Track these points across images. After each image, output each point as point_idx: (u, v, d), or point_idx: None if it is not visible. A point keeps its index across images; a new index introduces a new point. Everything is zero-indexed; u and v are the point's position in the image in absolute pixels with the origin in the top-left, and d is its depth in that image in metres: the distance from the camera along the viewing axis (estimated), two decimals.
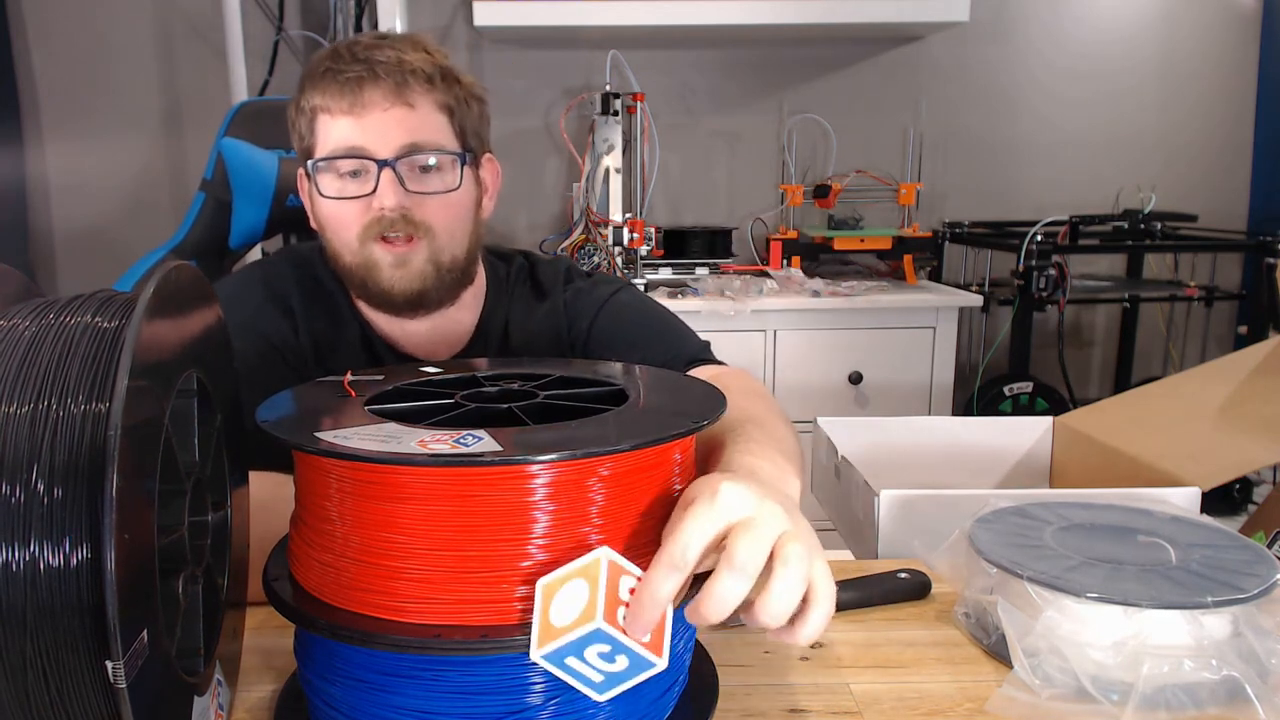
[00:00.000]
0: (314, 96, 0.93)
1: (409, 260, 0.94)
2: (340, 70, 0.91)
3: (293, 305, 1.02)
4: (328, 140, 0.93)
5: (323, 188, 0.94)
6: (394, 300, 0.96)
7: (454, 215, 0.96)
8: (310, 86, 0.94)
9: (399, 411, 0.62)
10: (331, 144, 0.93)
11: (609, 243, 2.37)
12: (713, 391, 0.66)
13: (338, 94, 0.91)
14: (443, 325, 1.03)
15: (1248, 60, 2.75)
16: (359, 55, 0.91)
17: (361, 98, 0.91)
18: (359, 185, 0.93)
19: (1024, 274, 2.27)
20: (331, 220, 0.95)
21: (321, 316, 1.03)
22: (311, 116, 0.94)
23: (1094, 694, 0.64)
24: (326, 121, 0.93)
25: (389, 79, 0.91)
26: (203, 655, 0.56)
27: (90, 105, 2.63)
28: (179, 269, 0.54)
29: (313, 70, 0.94)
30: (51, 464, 0.45)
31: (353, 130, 0.92)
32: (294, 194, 1.40)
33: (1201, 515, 0.83)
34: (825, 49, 2.70)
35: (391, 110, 0.92)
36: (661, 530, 0.57)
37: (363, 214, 0.93)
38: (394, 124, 0.92)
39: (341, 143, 0.92)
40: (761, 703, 0.67)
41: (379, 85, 0.91)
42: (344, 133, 0.92)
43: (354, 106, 0.91)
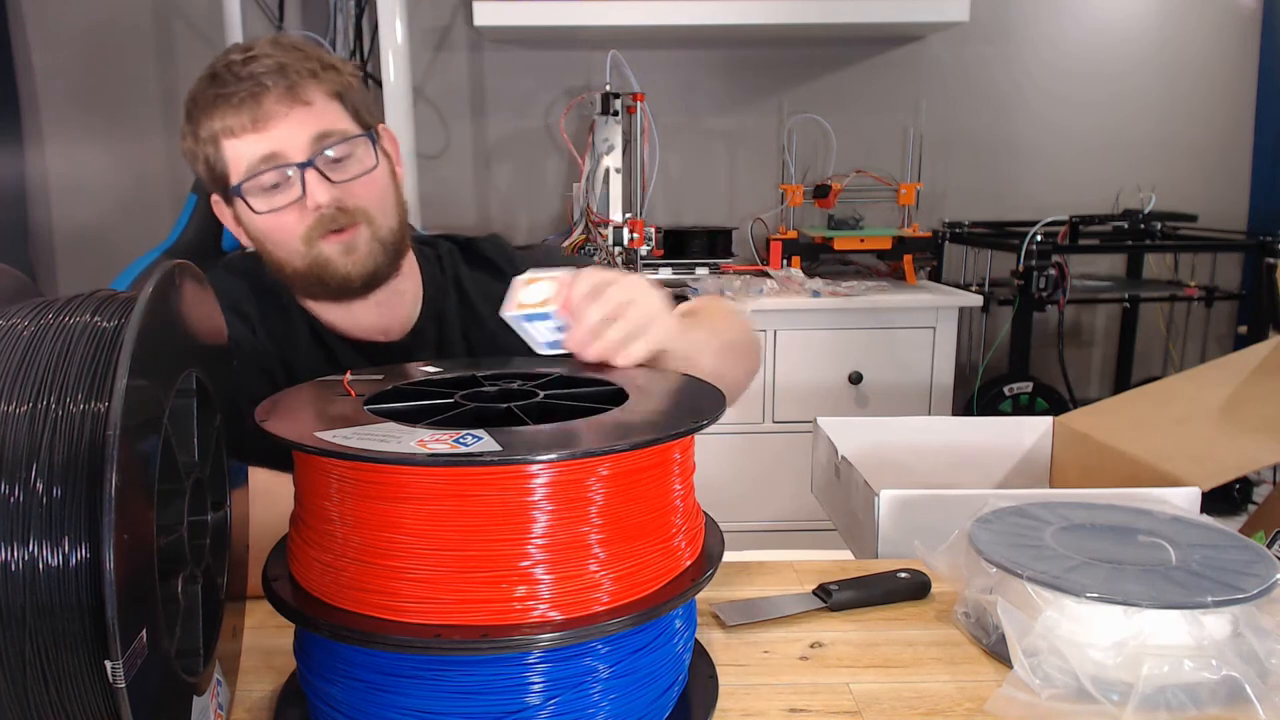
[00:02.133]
0: (212, 123, 0.94)
1: (355, 245, 0.97)
2: (229, 93, 0.93)
3: (246, 309, 1.03)
4: (240, 160, 0.94)
5: (254, 206, 0.95)
6: (352, 286, 0.99)
7: (380, 191, 0.99)
8: (204, 116, 0.95)
9: (398, 411, 0.62)
10: (245, 163, 0.94)
11: (609, 243, 2.37)
12: (712, 391, 0.66)
13: (235, 114, 0.93)
14: (389, 301, 1.05)
15: (1248, 60, 2.75)
16: (239, 74, 0.93)
17: (260, 110, 0.93)
18: (285, 194, 0.95)
19: (1024, 274, 2.27)
20: (272, 234, 0.97)
21: (274, 316, 1.04)
22: (215, 143, 0.95)
23: (1094, 694, 0.64)
24: (234, 144, 0.94)
25: (278, 85, 0.93)
26: (202, 655, 0.56)
27: (90, 105, 2.63)
28: (178, 268, 0.54)
29: (199, 100, 0.95)
30: (50, 463, 0.45)
31: (261, 143, 0.93)
32: None
33: (1201, 515, 0.83)
34: (825, 49, 2.70)
35: (291, 113, 0.94)
36: (661, 530, 0.57)
37: (300, 219, 0.95)
38: (297, 125, 0.94)
39: (255, 158, 0.94)
40: (761, 703, 0.67)
41: (270, 94, 0.93)
42: (255, 148, 0.93)
43: (255, 121, 0.93)
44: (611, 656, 0.56)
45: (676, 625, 0.62)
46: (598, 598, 0.55)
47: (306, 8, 2.63)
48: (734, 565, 0.88)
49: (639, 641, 0.58)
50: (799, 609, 0.80)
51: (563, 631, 0.53)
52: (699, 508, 0.66)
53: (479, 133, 2.69)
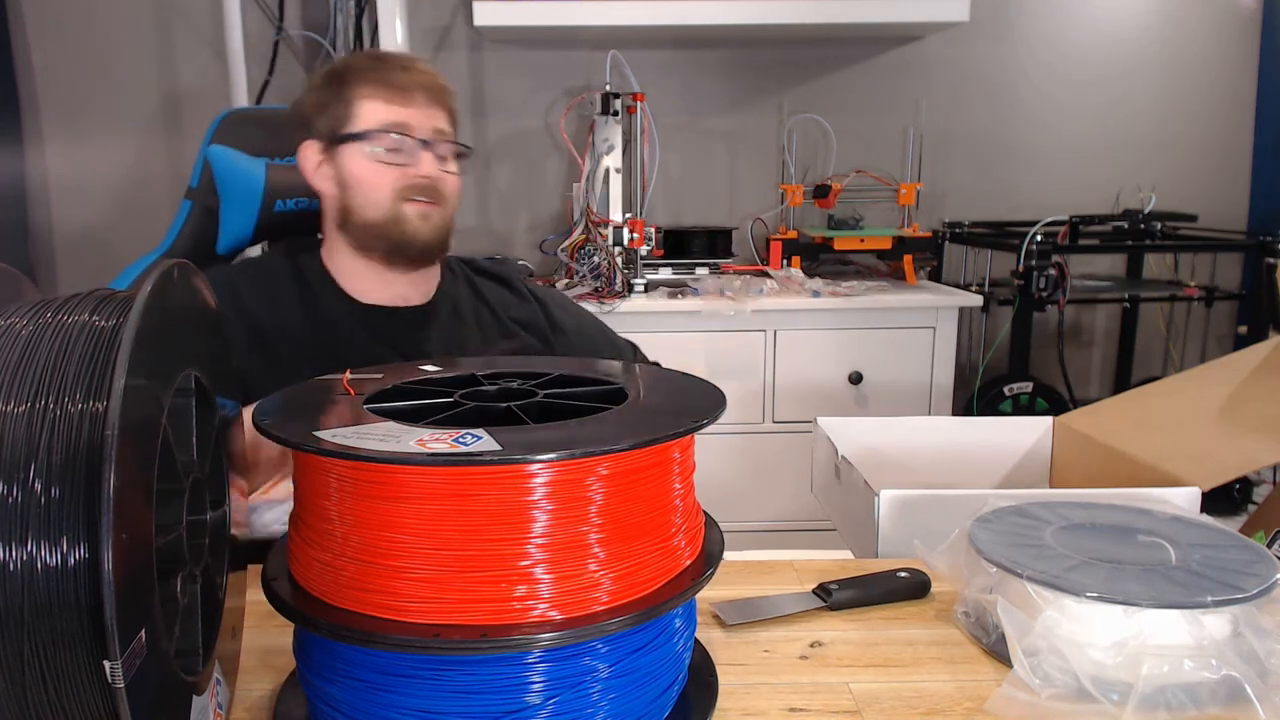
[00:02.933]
0: (360, 87, 1.16)
1: (431, 216, 1.18)
2: (388, 70, 1.17)
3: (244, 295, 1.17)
4: (372, 117, 1.15)
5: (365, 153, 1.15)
6: (412, 248, 1.17)
7: (456, 192, 1.22)
8: (356, 79, 1.16)
9: (398, 410, 0.62)
10: (378, 121, 1.15)
11: (609, 243, 2.37)
12: (712, 390, 0.66)
13: (389, 87, 1.15)
14: (417, 280, 1.24)
15: (1248, 60, 2.75)
16: (401, 64, 1.18)
17: (409, 92, 1.16)
18: (398, 156, 1.15)
19: (1024, 274, 2.26)
20: (367, 181, 1.16)
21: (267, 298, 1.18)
22: (351, 102, 1.16)
23: (1094, 694, 0.63)
24: (373, 105, 1.15)
25: (429, 85, 1.18)
26: (201, 654, 0.56)
27: (90, 105, 2.63)
28: (177, 267, 0.54)
29: (354, 66, 1.18)
30: (49, 463, 0.45)
31: (400, 113, 1.15)
32: (282, 199, 1.41)
33: (1201, 515, 0.83)
34: (825, 49, 2.69)
35: (428, 108, 1.17)
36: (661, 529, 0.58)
37: (399, 179, 1.15)
38: (430, 116, 1.18)
39: (390, 120, 1.15)
40: (761, 702, 0.67)
41: (421, 88, 1.17)
42: (393, 114, 1.15)
43: (402, 97, 1.16)
44: (611, 656, 0.56)
45: (676, 625, 0.62)
46: (597, 597, 0.55)
47: (306, 8, 2.63)
48: (734, 565, 0.88)
49: (639, 641, 0.58)
50: (799, 608, 0.80)
51: (562, 631, 0.53)
52: (699, 507, 0.66)
53: (479, 133, 2.69)
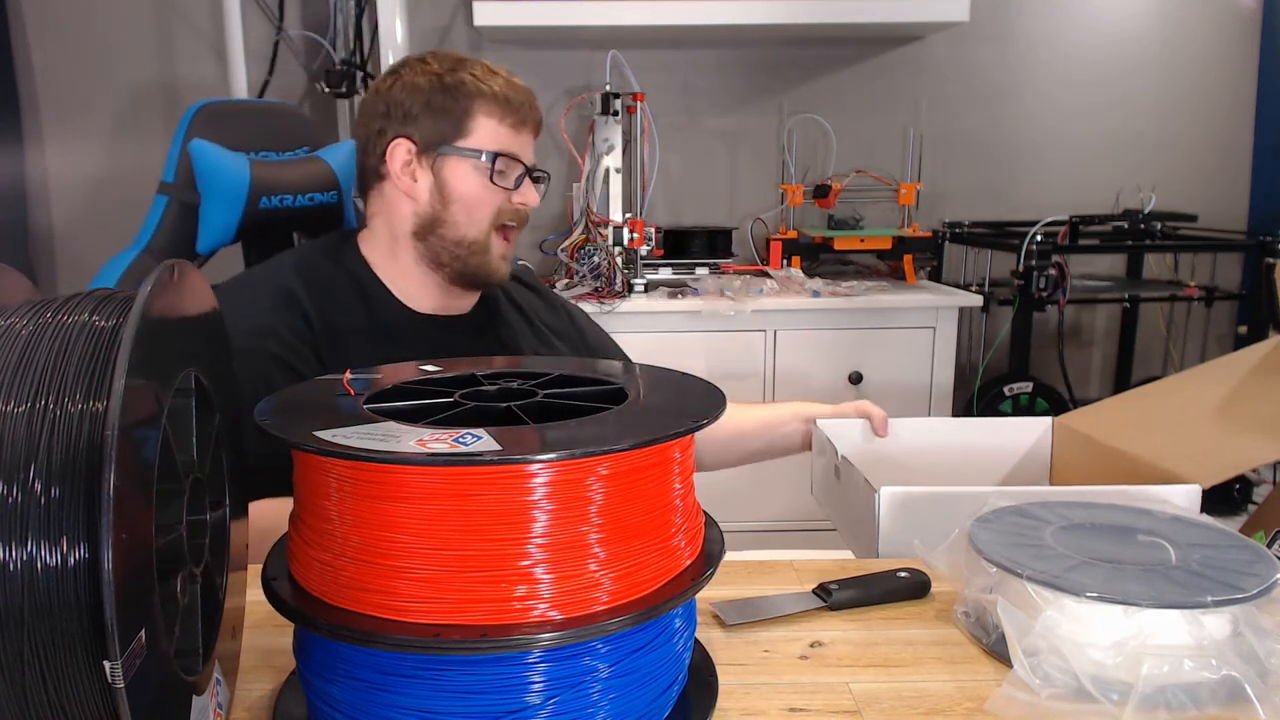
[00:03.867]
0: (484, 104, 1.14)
1: (508, 256, 1.21)
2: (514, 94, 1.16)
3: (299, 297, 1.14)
4: (491, 140, 1.15)
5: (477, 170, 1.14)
6: (486, 281, 1.20)
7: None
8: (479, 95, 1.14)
9: (398, 410, 0.62)
10: (498, 145, 1.15)
11: (609, 243, 2.37)
12: (712, 390, 0.66)
13: (512, 111, 1.16)
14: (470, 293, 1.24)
15: (1248, 60, 2.75)
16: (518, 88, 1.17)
17: (527, 124, 1.18)
18: (504, 180, 1.16)
19: (1024, 274, 2.26)
20: (474, 200, 1.15)
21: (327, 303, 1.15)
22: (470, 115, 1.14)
23: (1094, 694, 0.63)
24: (493, 126, 1.15)
25: (534, 114, 1.19)
26: (201, 654, 0.56)
27: (90, 105, 2.63)
28: (176, 266, 0.54)
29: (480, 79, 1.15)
30: (49, 463, 0.45)
31: (515, 141, 1.16)
32: (268, 195, 1.40)
33: (1201, 515, 0.82)
34: (825, 49, 2.69)
35: (532, 139, 1.20)
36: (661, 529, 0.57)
37: (502, 202, 1.16)
38: (532, 149, 1.20)
39: (511, 146, 1.16)
40: (761, 702, 0.67)
41: (530, 114, 1.18)
42: (511, 141, 1.16)
43: (524, 125, 1.17)
44: (611, 656, 0.56)
45: (676, 625, 0.62)
46: (597, 597, 0.55)
47: (306, 8, 2.63)
48: (734, 565, 0.88)
49: (639, 641, 0.58)
50: (799, 608, 0.80)
51: (562, 631, 0.53)
52: (699, 507, 0.66)
53: None
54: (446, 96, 1.14)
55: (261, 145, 1.48)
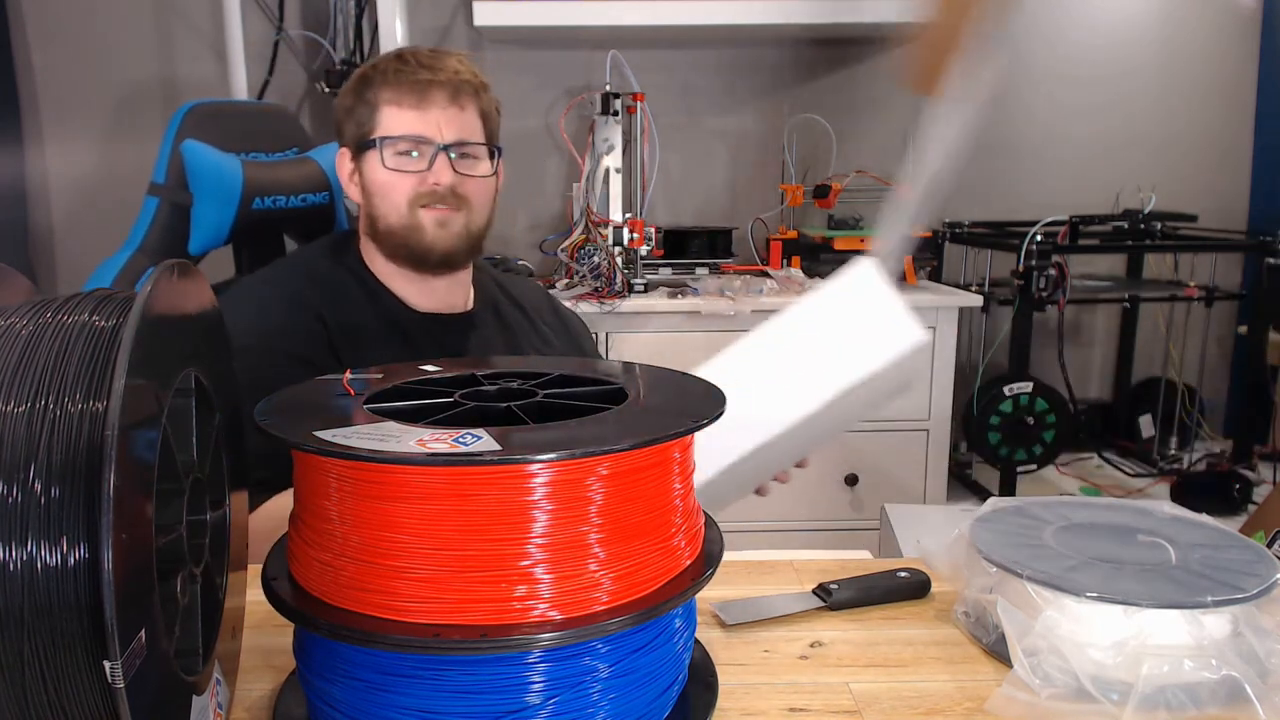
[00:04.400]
0: (382, 91, 1.14)
1: (449, 224, 1.16)
2: (409, 73, 1.14)
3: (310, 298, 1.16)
4: (392, 126, 1.14)
5: (386, 160, 1.14)
6: (431, 257, 1.17)
7: (485, 194, 1.20)
8: (379, 83, 1.15)
9: (398, 410, 0.62)
10: (396, 129, 1.14)
11: (609, 243, 2.36)
12: (712, 390, 0.66)
13: (407, 91, 1.13)
14: (455, 285, 1.24)
15: (1248, 60, 2.75)
16: (424, 63, 1.14)
17: (427, 95, 1.13)
18: (414, 162, 1.14)
19: (1024, 274, 2.26)
20: (386, 188, 1.15)
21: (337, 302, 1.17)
22: (375, 107, 1.15)
23: (1094, 694, 0.63)
24: (394, 112, 1.14)
25: (449, 85, 1.15)
26: (201, 654, 0.56)
27: (90, 105, 2.63)
28: (177, 267, 0.54)
29: (380, 71, 1.15)
30: (49, 463, 0.45)
31: (418, 120, 1.13)
32: (260, 196, 1.41)
33: (1201, 515, 0.83)
34: (825, 49, 2.69)
35: (448, 109, 1.15)
36: (661, 529, 0.57)
37: (416, 185, 1.14)
38: (448, 120, 1.15)
39: (408, 129, 1.14)
40: (761, 702, 0.67)
41: (442, 89, 1.14)
42: (410, 123, 1.13)
43: (420, 102, 1.13)
44: (611, 656, 0.56)
45: (676, 625, 0.62)
46: (597, 597, 0.55)
47: (306, 8, 2.63)
48: (734, 565, 0.88)
49: (639, 641, 0.58)
50: (798, 608, 0.80)
51: (562, 631, 0.53)
52: (699, 507, 0.66)
53: None
54: (358, 98, 1.16)
55: (251, 146, 1.48)
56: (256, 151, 1.48)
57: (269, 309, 1.14)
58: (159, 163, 1.44)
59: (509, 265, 2.38)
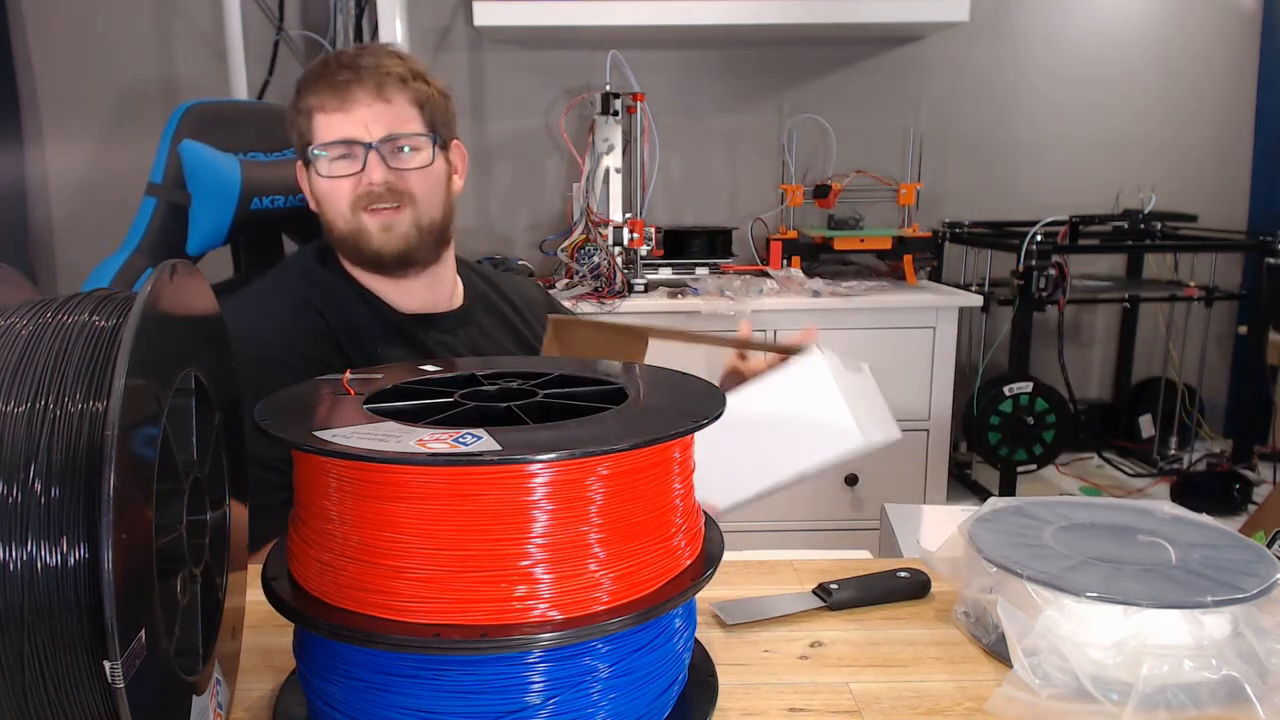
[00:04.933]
0: (310, 98, 1.13)
1: (394, 225, 1.13)
2: (331, 75, 1.11)
3: (313, 301, 1.16)
4: (323, 132, 1.12)
5: (319, 169, 1.13)
6: (384, 260, 1.15)
7: (430, 185, 1.15)
8: (307, 91, 1.13)
9: (398, 410, 0.62)
10: (326, 135, 1.12)
11: (609, 243, 2.37)
12: (712, 390, 0.66)
13: (330, 94, 1.11)
14: (434, 283, 1.22)
15: (1248, 61, 2.75)
16: (345, 63, 1.11)
17: (350, 96, 1.10)
18: (349, 165, 1.12)
19: (1024, 274, 2.26)
20: (327, 195, 1.14)
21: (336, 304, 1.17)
22: (309, 115, 1.13)
23: (1094, 694, 0.63)
24: (322, 118, 1.12)
25: (371, 81, 1.11)
26: (201, 654, 0.56)
27: (90, 105, 2.63)
28: (176, 267, 0.54)
29: (308, 77, 1.14)
30: (49, 463, 0.45)
31: (344, 123, 1.11)
32: (259, 196, 1.41)
33: (1201, 515, 0.83)
34: (825, 49, 2.69)
35: (374, 105, 1.11)
36: (661, 529, 0.57)
37: (353, 188, 1.12)
38: (375, 117, 1.11)
39: (335, 133, 1.11)
40: (761, 702, 0.67)
41: (364, 86, 1.11)
42: (338, 126, 1.11)
43: (344, 104, 1.11)
44: (611, 656, 0.56)
45: (676, 625, 0.62)
46: (597, 597, 0.55)
47: (306, 8, 2.63)
48: (734, 565, 0.88)
49: (639, 641, 0.58)
50: (799, 608, 0.80)
51: (562, 631, 0.53)
52: (699, 507, 0.66)
53: (479, 133, 2.69)
54: (294, 108, 1.15)
55: (249, 146, 1.47)
56: (255, 151, 1.47)
57: (282, 316, 1.14)
58: (156, 163, 1.43)
59: (509, 265, 2.38)
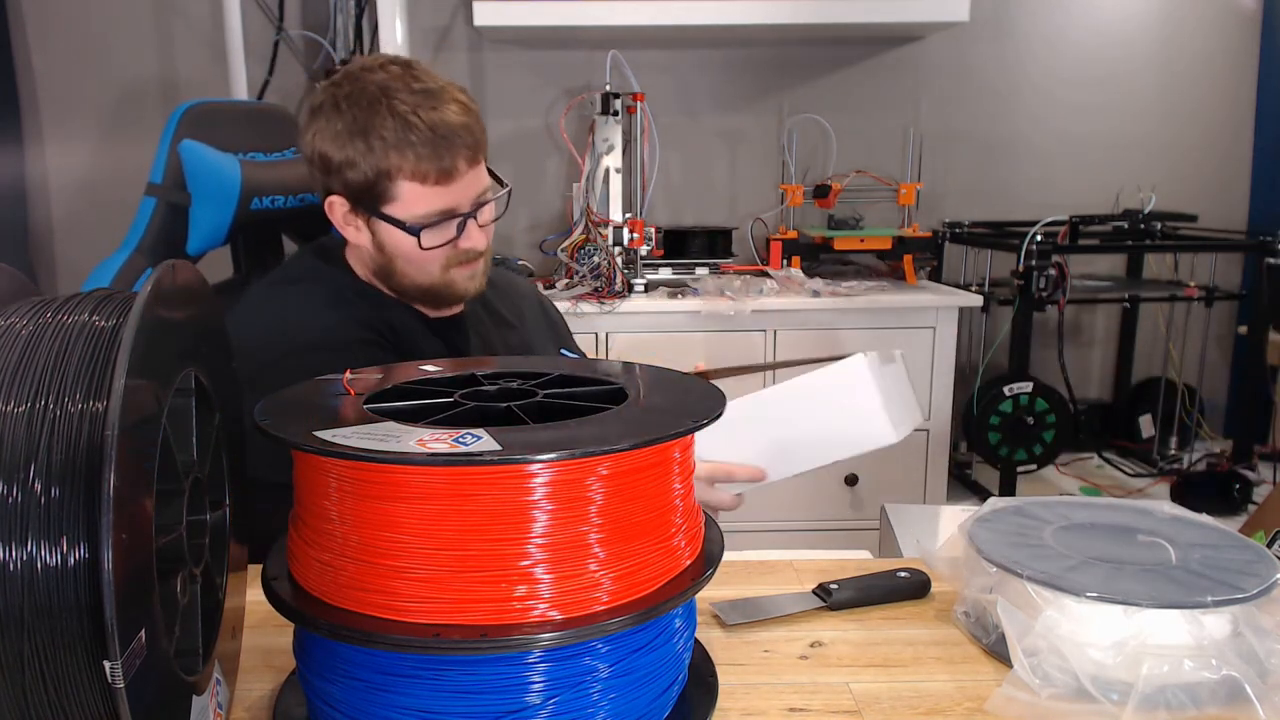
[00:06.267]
0: (397, 161, 1.05)
1: (478, 273, 1.16)
2: (423, 140, 1.04)
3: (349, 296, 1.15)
4: (417, 203, 1.07)
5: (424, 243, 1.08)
6: (459, 301, 1.19)
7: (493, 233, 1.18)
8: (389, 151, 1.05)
9: (398, 410, 0.62)
10: (423, 208, 1.07)
11: (609, 243, 2.36)
12: (712, 390, 0.66)
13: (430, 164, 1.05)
14: None
15: (1248, 60, 2.75)
16: (429, 122, 1.04)
17: (452, 168, 1.06)
18: (445, 233, 1.09)
19: (1024, 274, 2.26)
20: (417, 260, 1.11)
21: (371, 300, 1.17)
22: (389, 174, 1.06)
23: (1094, 694, 0.63)
24: (414, 187, 1.06)
25: (465, 146, 1.06)
26: (201, 654, 0.56)
27: (90, 105, 2.63)
28: (176, 267, 0.54)
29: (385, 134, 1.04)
30: (49, 463, 0.45)
31: (444, 196, 1.07)
32: (259, 196, 1.40)
33: (1201, 515, 0.83)
34: (825, 49, 2.69)
35: (467, 173, 1.08)
36: (661, 529, 0.57)
37: (446, 253, 1.11)
38: (471, 183, 1.09)
39: (435, 206, 1.08)
40: (761, 702, 0.67)
41: (459, 155, 1.06)
42: (436, 200, 1.07)
43: (444, 176, 1.06)
44: (611, 656, 0.56)
45: (676, 625, 0.62)
46: (597, 597, 0.55)
47: (306, 8, 2.63)
48: (734, 565, 0.88)
49: (639, 641, 0.58)
50: (799, 608, 0.80)
51: (562, 631, 0.53)
52: (699, 507, 0.66)
53: None
54: (364, 160, 1.06)
55: (249, 146, 1.47)
56: (255, 151, 1.47)
57: (329, 305, 1.12)
58: (156, 163, 1.43)
59: (509, 264, 2.38)
